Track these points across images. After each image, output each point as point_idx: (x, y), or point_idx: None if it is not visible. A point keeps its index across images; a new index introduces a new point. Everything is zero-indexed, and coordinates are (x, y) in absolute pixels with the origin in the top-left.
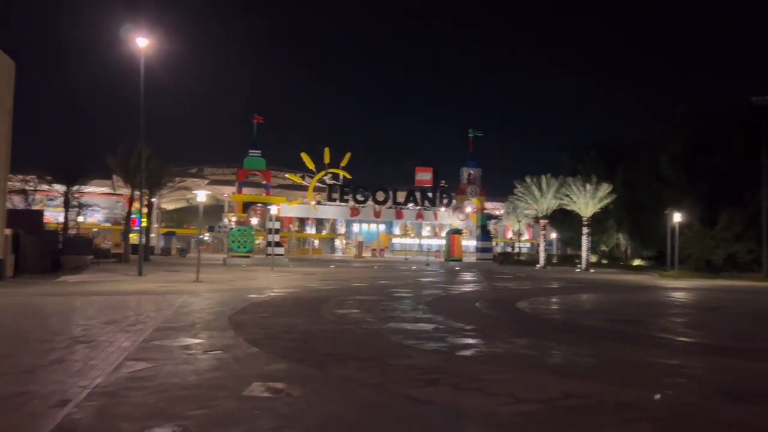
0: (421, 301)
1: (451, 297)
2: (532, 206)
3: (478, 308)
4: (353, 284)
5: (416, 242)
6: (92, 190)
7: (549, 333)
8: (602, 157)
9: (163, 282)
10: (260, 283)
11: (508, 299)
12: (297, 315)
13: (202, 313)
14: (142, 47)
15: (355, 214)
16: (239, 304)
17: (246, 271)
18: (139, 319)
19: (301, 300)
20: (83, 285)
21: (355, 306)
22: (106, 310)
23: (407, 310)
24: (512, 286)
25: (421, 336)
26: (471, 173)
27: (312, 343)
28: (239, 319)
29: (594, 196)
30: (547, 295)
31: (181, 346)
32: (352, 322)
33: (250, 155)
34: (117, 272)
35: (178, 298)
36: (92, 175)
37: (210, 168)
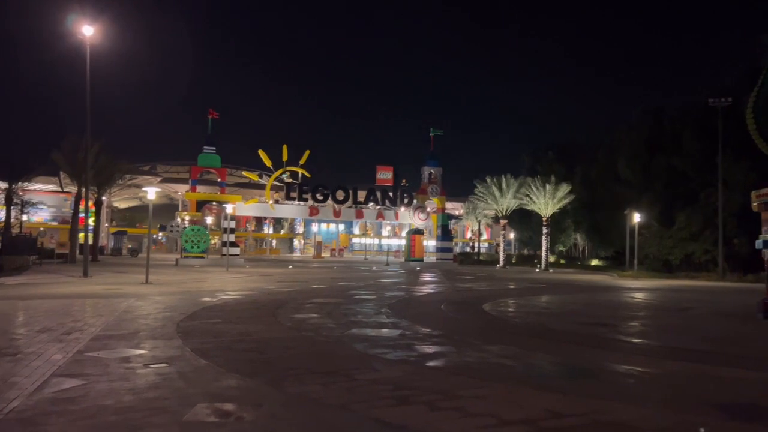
0: (384, 304)
1: (415, 299)
2: (492, 206)
3: (443, 311)
4: (312, 286)
5: (376, 242)
6: (38, 187)
7: (521, 339)
8: (561, 158)
9: (109, 284)
10: (214, 285)
11: (473, 301)
12: (252, 321)
13: (148, 319)
14: (87, 35)
15: (315, 214)
16: (190, 308)
17: (199, 272)
18: (76, 326)
19: (257, 304)
20: (21, 288)
21: (314, 310)
22: (41, 316)
23: (370, 314)
24: (475, 287)
25: (386, 344)
26: (432, 172)
27: (268, 353)
28: (188, 326)
29: (554, 196)
30: (512, 297)
31: (119, 359)
32: (311, 329)
33: (205, 152)
34: (61, 273)
35: (124, 302)
36: (37, 172)
37: (163, 165)
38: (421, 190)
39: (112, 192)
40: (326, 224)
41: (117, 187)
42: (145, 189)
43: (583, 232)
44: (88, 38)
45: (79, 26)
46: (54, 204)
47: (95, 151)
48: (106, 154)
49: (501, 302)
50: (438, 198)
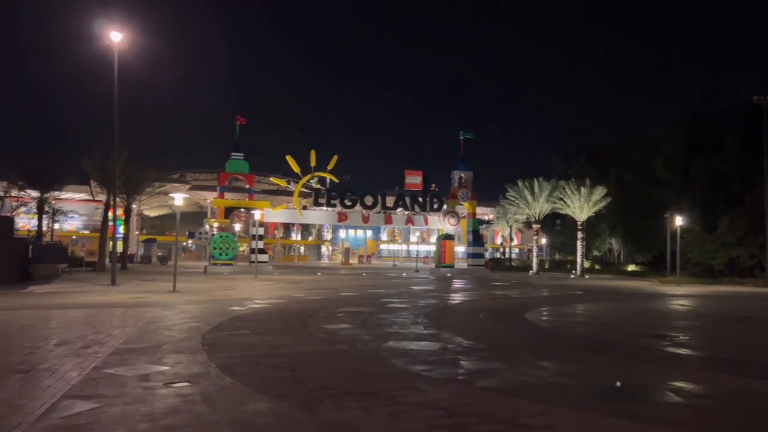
0: (420, 313)
1: (451, 308)
2: (524, 210)
3: (484, 321)
4: (342, 294)
5: (404, 248)
6: (69, 196)
7: (576, 353)
8: (593, 160)
9: (136, 292)
10: (242, 293)
11: (514, 310)
12: (281, 332)
13: (173, 330)
14: (115, 42)
15: (343, 220)
16: (216, 318)
17: (228, 279)
18: (97, 338)
19: (287, 313)
20: (49, 297)
21: (347, 320)
22: (63, 328)
23: (406, 325)
24: (512, 294)
25: (428, 359)
26: (462, 176)
27: (299, 370)
28: (214, 338)
29: (588, 199)
30: (553, 305)
31: (137, 377)
32: (345, 341)
33: (233, 158)
34: (89, 282)
35: (149, 312)
36: (68, 180)
37: (192, 173)
38: (452, 195)
39: (142, 200)
40: (354, 230)
41: (146, 194)
42: (173, 195)
43: (618, 236)
44: (115, 44)
45: (106, 32)
46: (86, 212)
47: (124, 159)
48: (134, 162)
49: (543, 311)
50: (469, 202)
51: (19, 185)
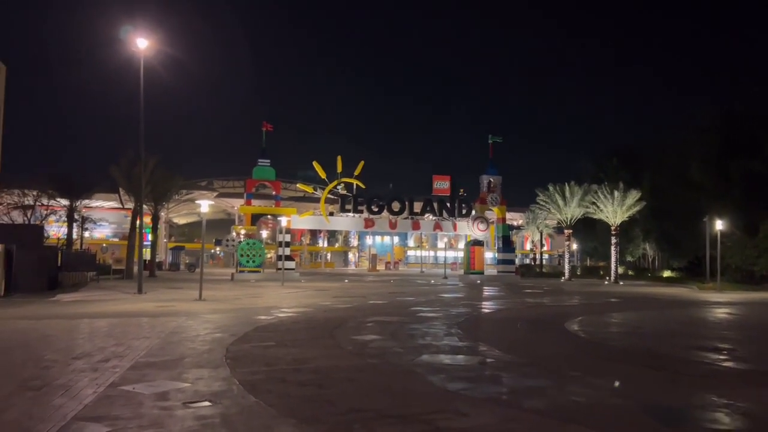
0: (453, 323)
1: (486, 317)
2: (555, 215)
3: (522, 332)
4: (371, 302)
5: (432, 254)
6: (99, 204)
7: (629, 369)
8: (626, 164)
9: (162, 301)
10: (269, 301)
11: (552, 319)
12: (309, 343)
13: (196, 341)
14: (141, 48)
15: (370, 226)
16: (242, 328)
17: (254, 287)
18: (117, 351)
19: (314, 322)
20: (76, 305)
21: (376, 330)
22: (83, 339)
23: (440, 336)
24: (546, 302)
25: (467, 375)
26: (491, 181)
27: (328, 387)
28: (239, 351)
29: (622, 203)
30: (593, 313)
31: (155, 395)
32: (376, 354)
33: (259, 165)
34: (116, 290)
35: (173, 322)
36: (97, 189)
37: (220, 180)
38: (480, 200)
39: (170, 207)
40: (381, 237)
41: (174, 202)
42: (199, 202)
43: (653, 241)
44: (141, 51)
45: (132, 39)
46: (115, 220)
47: (151, 167)
48: (161, 169)
49: (584, 320)
50: (498, 207)
51: (49, 194)
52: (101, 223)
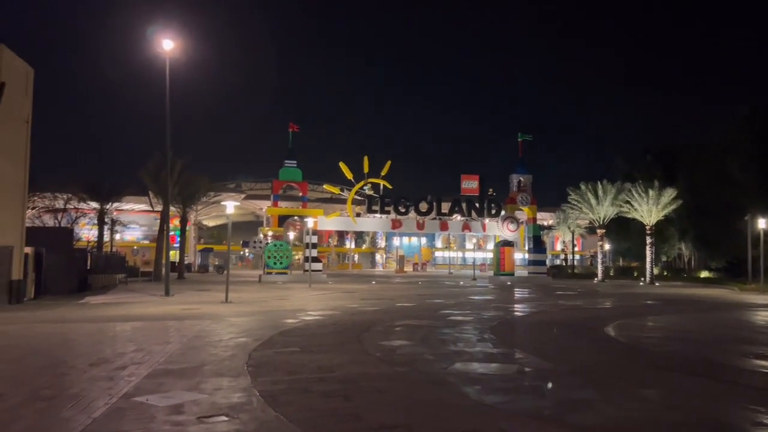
0: (485, 327)
1: (519, 321)
2: (587, 215)
3: (560, 338)
4: (399, 304)
5: (460, 255)
6: (130, 207)
7: (681, 378)
8: (659, 161)
9: (188, 303)
10: (295, 303)
11: (590, 323)
12: (334, 349)
13: (218, 347)
14: (167, 50)
15: (397, 227)
16: (266, 332)
17: (282, 289)
18: (136, 357)
19: (341, 326)
20: (102, 308)
21: (405, 335)
22: (104, 344)
23: (472, 342)
24: (582, 304)
25: (505, 386)
26: (521, 180)
27: (355, 400)
28: (261, 357)
29: (657, 202)
30: (632, 317)
31: (169, 408)
32: (405, 361)
33: (286, 166)
34: (144, 292)
35: (197, 325)
36: (127, 192)
37: (248, 183)
38: (510, 199)
39: (199, 210)
40: (408, 238)
41: (202, 204)
42: (224, 203)
43: (689, 241)
44: (167, 52)
45: (158, 40)
46: (146, 223)
47: (179, 169)
48: (189, 171)
49: (623, 324)
50: (528, 207)
51: (80, 197)
52: (132, 226)
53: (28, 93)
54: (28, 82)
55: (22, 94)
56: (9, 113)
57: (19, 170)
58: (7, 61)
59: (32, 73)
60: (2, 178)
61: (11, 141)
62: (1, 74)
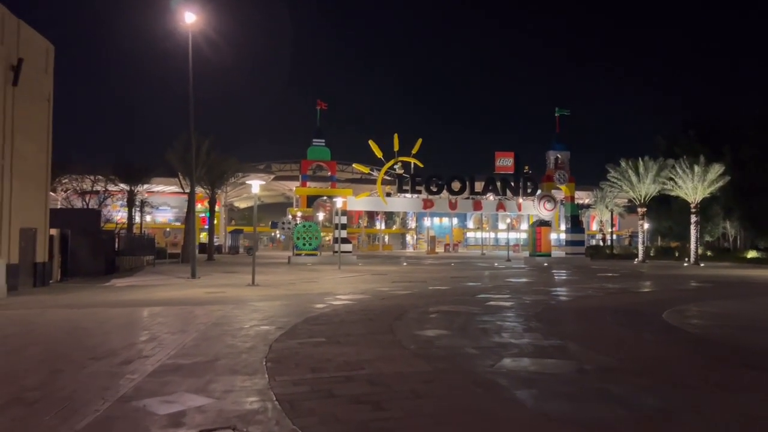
0: (529, 314)
1: (565, 307)
2: (628, 193)
3: (615, 327)
4: (432, 287)
5: (492, 236)
6: (161, 189)
7: None
8: (703, 137)
9: (213, 287)
10: (324, 286)
11: (644, 309)
12: (364, 340)
13: (237, 336)
14: (189, 23)
15: (429, 206)
16: (291, 319)
17: (310, 271)
18: (146, 348)
19: (371, 312)
20: (125, 291)
21: (442, 323)
22: (116, 332)
23: (518, 332)
24: (629, 287)
25: (567, 390)
26: (558, 157)
27: (388, 408)
28: (283, 350)
29: (703, 178)
30: (689, 301)
31: (168, 417)
32: (444, 356)
33: (314, 145)
34: (171, 274)
35: (219, 311)
36: (156, 173)
37: (277, 164)
38: (547, 177)
39: (228, 191)
40: (439, 218)
41: (231, 185)
42: (250, 182)
43: (735, 219)
44: (190, 26)
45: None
46: (177, 204)
47: (205, 149)
48: (216, 152)
49: (682, 310)
50: (566, 185)
51: (110, 179)
52: (163, 208)
53: (49, 71)
54: (49, 59)
55: (42, 71)
56: (29, 91)
57: (41, 150)
58: (26, 38)
59: (53, 50)
60: (24, 159)
61: (32, 120)
62: (19, 51)
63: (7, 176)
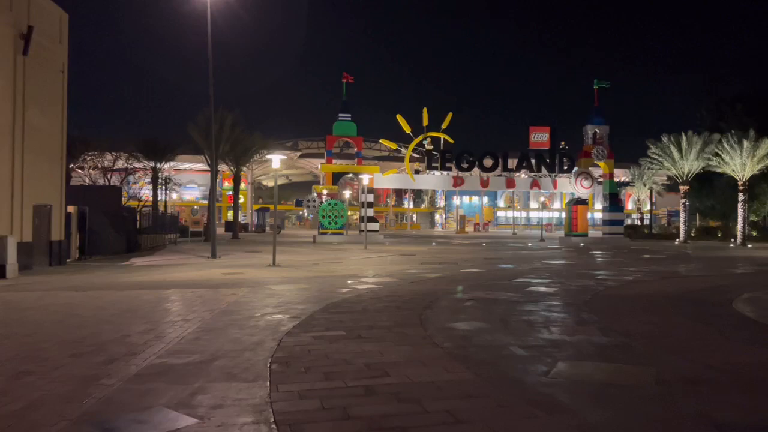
0: (578, 303)
1: (617, 294)
2: (669, 170)
3: (682, 319)
4: (464, 270)
5: (524, 215)
6: (187, 166)
7: None
8: (752, 111)
9: (233, 267)
10: (348, 267)
11: (709, 298)
12: (390, 335)
13: (245, 327)
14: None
15: (459, 184)
16: (309, 306)
17: (335, 250)
18: (138, 341)
19: (398, 299)
20: (141, 271)
21: (479, 314)
22: (111, 321)
23: (569, 325)
24: (682, 271)
25: (656, 414)
26: (597, 132)
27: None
28: (294, 346)
29: (753, 154)
30: (756, 288)
31: None
32: (486, 359)
33: (340, 119)
34: (192, 253)
35: (232, 295)
36: (181, 149)
37: (305, 141)
38: (584, 153)
39: (254, 168)
40: (468, 197)
41: (257, 163)
42: (270, 156)
43: None
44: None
45: None
46: (204, 182)
47: (229, 123)
48: (240, 128)
49: (754, 299)
50: (605, 162)
51: (134, 155)
52: (191, 186)
53: (63, 40)
54: (62, 28)
55: (56, 41)
56: (41, 61)
57: (55, 123)
58: (37, 5)
59: (66, 18)
60: (36, 132)
61: (45, 92)
62: (29, 18)
63: (18, 150)
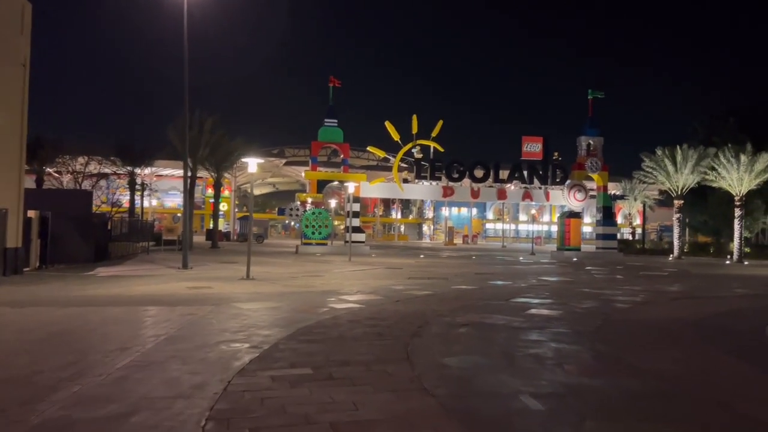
0: (589, 332)
1: (631, 320)
2: (664, 183)
3: (720, 356)
4: (455, 286)
5: (513, 228)
6: (169, 172)
7: None
8: (745, 126)
9: (202, 280)
10: (329, 281)
11: (731, 325)
12: (368, 375)
13: (190, 362)
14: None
15: (449, 194)
16: (275, 332)
17: (318, 262)
18: (54, 377)
19: (381, 324)
20: (103, 283)
21: (477, 343)
22: (35, 349)
23: (586, 361)
24: (690, 290)
25: None
26: (591, 143)
27: None
28: (243, 393)
29: (750, 169)
30: None
31: None
32: (493, 417)
33: (326, 125)
34: (163, 263)
35: (189, 316)
36: (161, 155)
37: (291, 149)
38: (578, 165)
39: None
40: (457, 208)
41: (241, 170)
42: (245, 160)
43: None
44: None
45: None
46: None
47: (209, 127)
48: (221, 132)
49: None
50: (599, 174)
51: (110, 160)
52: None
53: (25, 32)
54: (25, 18)
55: (17, 32)
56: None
57: (14, 120)
58: None
59: (29, 7)
60: None
61: (3, 86)
62: None
63: None
